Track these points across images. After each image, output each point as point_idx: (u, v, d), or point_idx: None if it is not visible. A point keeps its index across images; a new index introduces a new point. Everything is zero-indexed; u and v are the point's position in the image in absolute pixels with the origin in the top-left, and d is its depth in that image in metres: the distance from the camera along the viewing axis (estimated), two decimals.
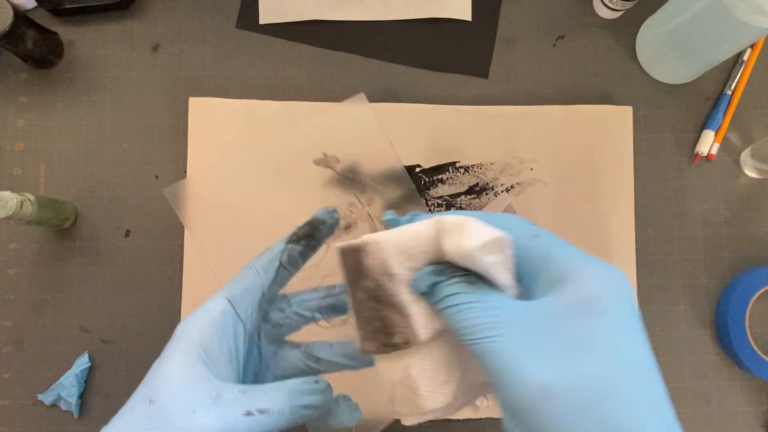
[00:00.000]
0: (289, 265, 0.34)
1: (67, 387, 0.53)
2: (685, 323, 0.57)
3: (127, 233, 0.57)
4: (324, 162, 0.40)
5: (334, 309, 0.35)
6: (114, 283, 0.56)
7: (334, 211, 0.35)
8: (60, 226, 0.55)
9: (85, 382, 0.54)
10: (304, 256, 0.35)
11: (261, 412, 0.28)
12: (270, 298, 0.34)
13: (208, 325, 0.31)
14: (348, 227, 0.40)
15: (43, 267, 0.56)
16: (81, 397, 0.54)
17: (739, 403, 0.56)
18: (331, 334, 0.37)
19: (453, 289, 0.25)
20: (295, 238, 0.35)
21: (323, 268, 0.38)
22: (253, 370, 0.34)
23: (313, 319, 0.35)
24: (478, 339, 0.24)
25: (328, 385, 0.31)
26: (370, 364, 0.32)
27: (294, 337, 0.36)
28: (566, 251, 0.28)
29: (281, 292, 0.36)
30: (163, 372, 0.29)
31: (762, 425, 0.56)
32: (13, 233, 0.56)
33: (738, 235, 0.59)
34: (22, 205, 0.48)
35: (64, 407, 0.54)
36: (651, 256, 0.58)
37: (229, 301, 0.32)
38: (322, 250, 0.36)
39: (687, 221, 0.59)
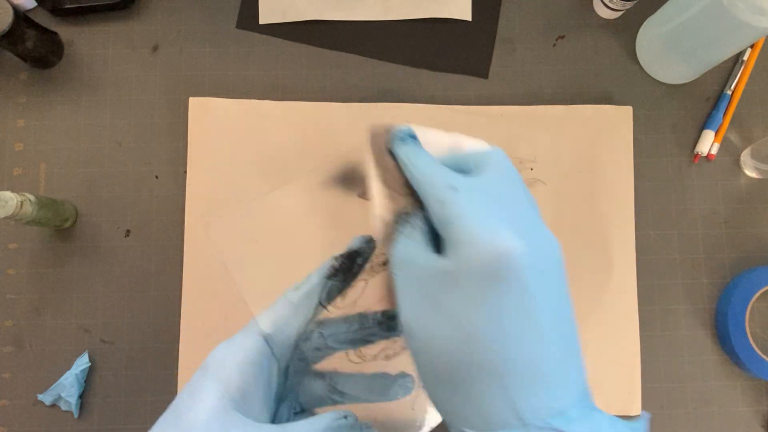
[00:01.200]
0: (326, 302, 0.33)
1: (67, 387, 0.53)
2: (685, 323, 0.57)
3: (127, 233, 0.57)
4: (366, 195, 0.35)
5: (366, 341, 0.34)
6: (114, 283, 0.56)
7: (371, 239, 0.33)
8: (60, 226, 0.55)
9: (85, 382, 0.54)
10: (341, 290, 0.34)
11: None
12: (306, 336, 0.34)
13: (244, 364, 0.30)
14: (386, 263, 0.37)
15: (43, 267, 0.56)
16: (81, 397, 0.54)
17: (739, 403, 0.56)
18: (361, 368, 0.36)
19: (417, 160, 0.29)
20: (333, 272, 0.33)
21: (360, 306, 0.36)
22: (277, 397, 0.33)
23: (343, 350, 0.34)
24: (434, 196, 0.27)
25: (356, 419, 0.30)
26: (394, 398, 0.33)
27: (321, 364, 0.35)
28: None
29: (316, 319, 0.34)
30: (196, 416, 0.28)
31: (762, 425, 0.56)
32: (13, 233, 0.56)
33: (738, 235, 0.59)
34: (22, 205, 0.48)
35: (64, 407, 0.54)
36: (651, 256, 0.58)
37: (266, 341, 0.31)
38: (360, 286, 0.35)
39: (687, 221, 0.59)
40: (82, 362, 0.54)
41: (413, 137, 0.30)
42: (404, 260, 0.27)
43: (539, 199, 0.57)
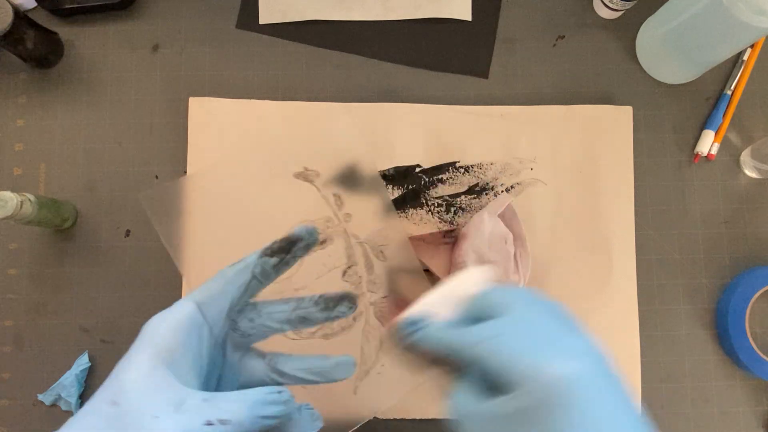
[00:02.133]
0: (261, 277, 0.34)
1: (67, 387, 0.53)
2: (685, 323, 0.57)
3: (127, 233, 0.57)
4: (303, 176, 0.40)
5: (303, 321, 0.35)
6: (114, 283, 0.56)
7: (315, 230, 0.34)
8: (60, 226, 0.55)
9: (85, 382, 0.54)
10: (278, 270, 0.35)
11: (222, 422, 0.28)
12: (240, 308, 0.35)
13: (175, 329, 0.31)
14: (323, 242, 0.39)
15: (43, 267, 0.56)
16: (81, 397, 0.54)
17: (739, 403, 0.56)
18: (299, 346, 0.37)
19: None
20: (269, 252, 0.34)
21: (295, 282, 0.37)
22: (217, 376, 0.34)
23: (282, 330, 0.35)
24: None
25: (291, 396, 0.30)
26: (333, 380, 0.33)
27: (261, 344, 0.36)
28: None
29: (252, 300, 0.35)
30: (128, 375, 0.29)
31: (762, 425, 0.56)
32: (13, 233, 0.56)
33: (738, 235, 0.59)
34: (22, 205, 0.48)
35: (64, 407, 0.54)
36: (651, 256, 0.58)
37: (198, 307, 0.32)
38: (295, 264, 0.35)
39: (687, 221, 0.59)
40: (82, 362, 0.54)
41: (414, 323, 0.31)
42: (466, 414, 0.28)
43: (539, 199, 0.58)
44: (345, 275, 0.39)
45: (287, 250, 0.34)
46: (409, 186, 0.57)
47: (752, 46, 0.60)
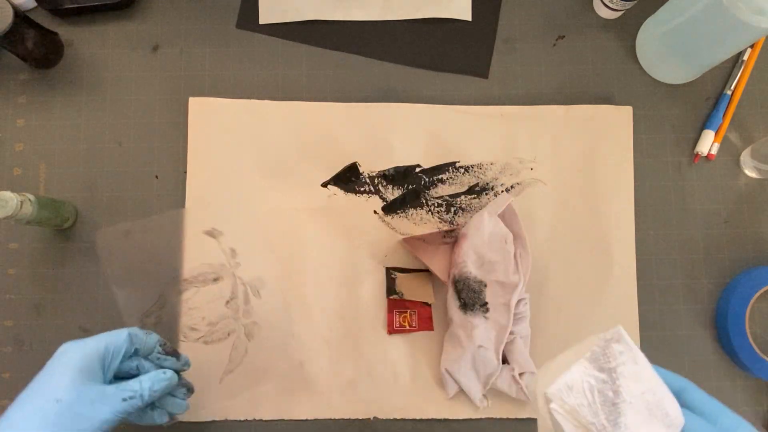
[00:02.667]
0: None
1: None
2: (685, 323, 0.57)
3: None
4: (210, 233, 0.54)
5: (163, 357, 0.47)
6: None
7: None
8: (60, 226, 0.55)
9: None
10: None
11: (131, 397, 0.42)
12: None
13: (91, 352, 0.44)
14: (217, 279, 0.53)
15: (43, 267, 0.56)
16: None
17: (739, 403, 0.56)
18: (187, 346, 0.53)
19: None
20: (164, 348, 0.46)
21: (191, 302, 0.53)
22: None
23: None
24: None
25: (174, 374, 0.45)
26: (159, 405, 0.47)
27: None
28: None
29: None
30: (58, 380, 0.41)
31: (762, 425, 0.56)
32: (13, 233, 0.56)
33: (738, 235, 0.59)
34: (22, 205, 0.48)
35: None
36: (651, 256, 0.58)
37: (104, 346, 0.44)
38: (193, 290, 0.53)
39: (687, 221, 0.59)
40: None
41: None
42: None
43: (539, 199, 0.58)
44: (227, 304, 0.53)
45: (171, 353, 0.46)
46: (409, 186, 0.57)
47: (752, 46, 0.60)
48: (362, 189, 0.57)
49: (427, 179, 0.58)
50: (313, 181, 0.57)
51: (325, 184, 0.57)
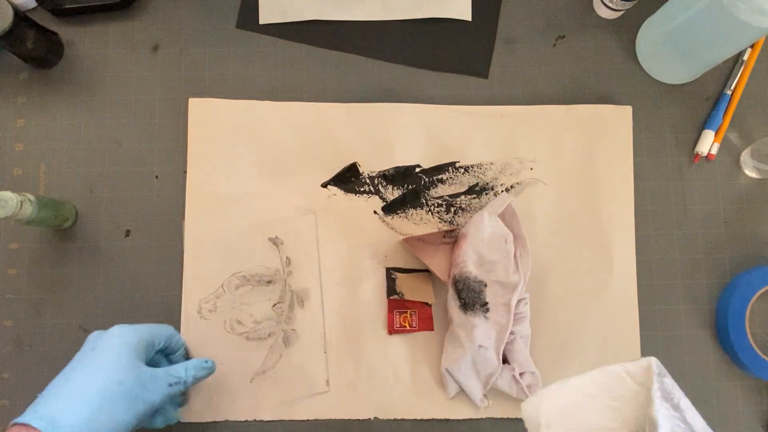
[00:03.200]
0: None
1: None
2: (685, 323, 0.57)
3: (127, 233, 0.57)
4: (274, 241, 0.56)
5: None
6: (114, 283, 0.56)
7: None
8: (60, 226, 0.55)
9: None
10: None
11: (177, 383, 0.46)
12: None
13: (140, 339, 0.46)
14: (270, 282, 0.56)
15: (43, 267, 0.56)
16: None
17: (739, 403, 0.56)
18: (228, 338, 0.55)
19: None
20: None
21: (244, 299, 0.56)
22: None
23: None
24: None
25: (213, 363, 0.49)
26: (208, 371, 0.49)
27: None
28: None
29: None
30: (118, 361, 0.43)
31: (762, 425, 0.56)
32: (13, 233, 0.56)
33: (738, 235, 0.59)
34: (22, 205, 0.48)
35: None
36: (651, 256, 0.58)
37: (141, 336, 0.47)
38: (248, 288, 0.56)
39: (687, 221, 0.59)
40: None
41: None
42: None
43: (539, 198, 0.58)
44: (274, 307, 0.56)
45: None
46: (409, 186, 0.57)
47: (752, 46, 0.60)
48: (362, 189, 0.57)
49: (427, 179, 0.58)
50: (313, 181, 0.57)
51: (325, 185, 0.57)
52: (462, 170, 0.58)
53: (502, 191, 0.58)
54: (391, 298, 0.55)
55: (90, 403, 0.41)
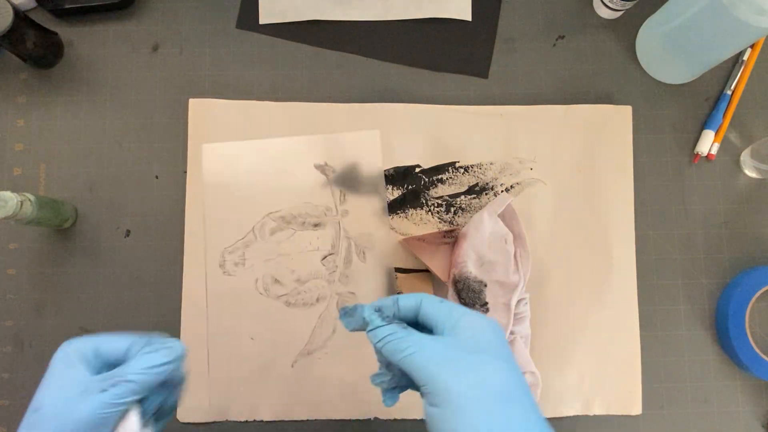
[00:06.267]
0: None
1: None
2: (685, 323, 0.57)
3: (127, 233, 0.57)
4: (322, 169, 0.44)
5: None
6: (114, 283, 0.56)
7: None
8: (60, 226, 0.55)
9: None
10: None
11: (113, 385, 0.34)
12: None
13: (83, 347, 0.37)
14: (317, 225, 0.43)
15: (43, 267, 0.56)
16: None
17: (739, 403, 0.56)
18: (264, 303, 0.44)
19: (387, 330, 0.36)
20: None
21: (283, 248, 0.44)
22: None
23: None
24: (402, 356, 0.34)
25: (176, 343, 0.35)
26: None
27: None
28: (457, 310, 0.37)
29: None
30: (44, 383, 0.35)
31: (762, 425, 0.56)
32: (13, 233, 0.56)
33: (738, 235, 0.59)
34: (22, 205, 0.48)
35: None
36: (651, 256, 0.58)
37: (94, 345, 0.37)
38: (288, 233, 0.44)
39: (687, 221, 0.59)
40: None
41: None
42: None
43: (539, 198, 0.58)
44: (324, 260, 0.43)
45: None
46: (409, 186, 0.57)
47: (752, 46, 0.60)
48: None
49: (426, 179, 0.58)
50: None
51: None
52: (462, 170, 0.58)
53: (502, 191, 0.58)
54: None
55: None
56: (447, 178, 0.58)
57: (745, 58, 0.60)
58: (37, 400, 0.34)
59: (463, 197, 0.58)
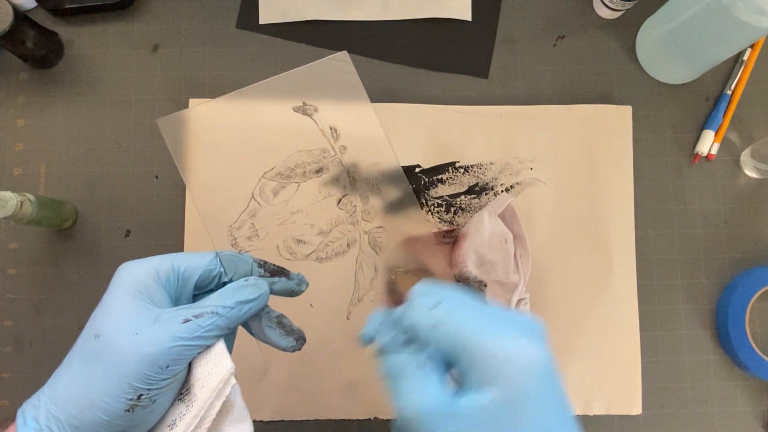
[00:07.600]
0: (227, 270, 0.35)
1: None
2: (685, 323, 0.57)
3: (127, 233, 0.57)
4: (302, 110, 0.40)
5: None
6: None
7: (299, 285, 0.35)
8: (60, 226, 0.55)
9: None
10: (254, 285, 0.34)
11: (196, 316, 0.30)
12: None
13: (149, 271, 0.33)
14: (319, 171, 0.41)
15: (43, 267, 0.56)
16: None
17: (739, 403, 0.56)
18: (293, 265, 0.40)
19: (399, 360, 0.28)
20: (265, 267, 0.35)
21: (292, 205, 0.40)
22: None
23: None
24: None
25: (261, 281, 0.32)
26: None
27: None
28: (472, 335, 0.27)
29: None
30: (107, 309, 0.32)
31: (762, 425, 0.56)
32: (13, 233, 0.56)
33: (738, 235, 0.59)
34: (22, 205, 0.48)
35: None
36: (651, 256, 0.58)
37: (171, 263, 0.33)
38: (292, 188, 0.39)
39: (687, 221, 0.59)
40: None
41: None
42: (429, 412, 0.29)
43: (539, 198, 0.58)
44: (340, 203, 0.40)
45: (280, 272, 0.35)
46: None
47: (752, 46, 0.60)
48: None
49: (426, 179, 0.58)
50: (312, 181, 0.57)
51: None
52: (462, 170, 0.58)
53: (502, 191, 0.58)
54: (391, 297, 0.55)
55: (71, 367, 0.30)
56: (447, 178, 0.58)
57: (745, 58, 0.60)
58: (95, 325, 0.31)
59: (463, 197, 0.58)
